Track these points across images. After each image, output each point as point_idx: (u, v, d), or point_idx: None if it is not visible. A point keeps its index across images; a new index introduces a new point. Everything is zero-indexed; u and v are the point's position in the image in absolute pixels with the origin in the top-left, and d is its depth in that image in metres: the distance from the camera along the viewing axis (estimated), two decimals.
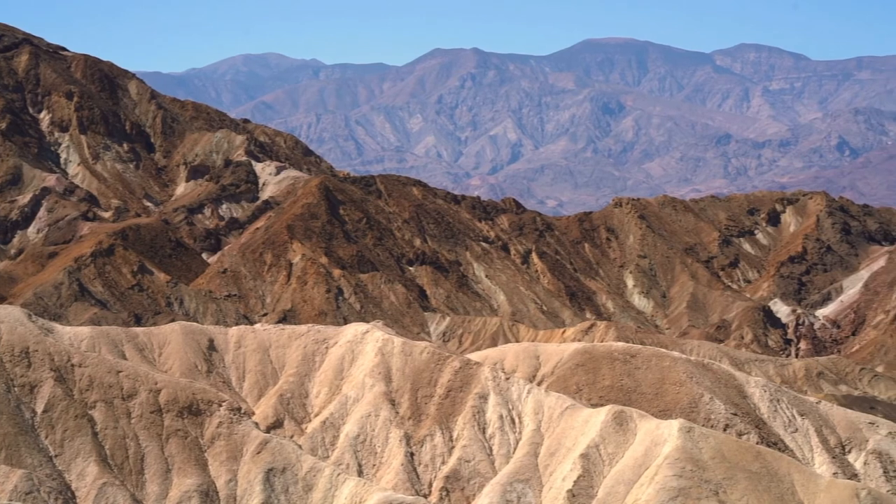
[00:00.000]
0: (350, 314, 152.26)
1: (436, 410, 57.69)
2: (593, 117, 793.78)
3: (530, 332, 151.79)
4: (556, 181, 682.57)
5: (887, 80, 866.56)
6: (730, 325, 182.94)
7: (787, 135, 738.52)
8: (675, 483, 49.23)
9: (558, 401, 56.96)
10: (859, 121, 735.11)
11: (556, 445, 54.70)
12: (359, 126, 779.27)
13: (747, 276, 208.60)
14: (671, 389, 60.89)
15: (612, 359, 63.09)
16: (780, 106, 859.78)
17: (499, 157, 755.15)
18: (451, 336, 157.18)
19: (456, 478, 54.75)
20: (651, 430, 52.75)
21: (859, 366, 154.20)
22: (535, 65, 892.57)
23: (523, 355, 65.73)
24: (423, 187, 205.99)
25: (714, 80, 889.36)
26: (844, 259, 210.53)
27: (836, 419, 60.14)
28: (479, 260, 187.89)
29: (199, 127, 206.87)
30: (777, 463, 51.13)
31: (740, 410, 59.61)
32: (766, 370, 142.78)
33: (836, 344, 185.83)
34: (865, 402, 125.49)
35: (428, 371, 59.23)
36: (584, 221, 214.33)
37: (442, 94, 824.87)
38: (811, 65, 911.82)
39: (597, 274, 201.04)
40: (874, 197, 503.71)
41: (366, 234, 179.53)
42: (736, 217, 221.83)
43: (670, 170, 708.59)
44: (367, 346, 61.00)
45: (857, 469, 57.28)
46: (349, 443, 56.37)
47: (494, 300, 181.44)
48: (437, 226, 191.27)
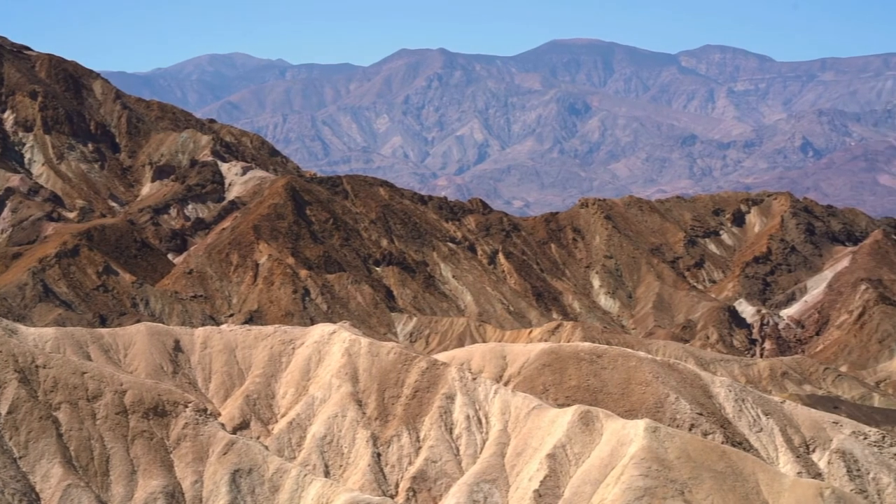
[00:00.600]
0: (317, 315, 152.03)
1: (403, 411, 57.70)
2: (559, 118, 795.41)
3: (497, 333, 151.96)
4: (523, 182, 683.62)
5: (850, 82, 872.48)
6: (695, 325, 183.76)
7: (752, 136, 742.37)
8: (641, 483, 49.42)
9: (525, 401, 57.07)
10: (823, 122, 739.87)
11: (522, 445, 54.80)
12: (325, 126, 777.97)
13: (712, 276, 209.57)
14: (637, 389, 61.11)
15: (579, 359, 63.26)
16: (744, 107, 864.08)
17: (465, 158, 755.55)
18: (418, 336, 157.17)
19: (423, 478, 54.79)
20: (617, 430, 52.92)
21: (823, 366, 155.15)
22: (501, 65, 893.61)
23: (490, 356, 65.81)
24: (389, 188, 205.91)
25: (679, 81, 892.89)
26: (808, 259, 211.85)
27: (800, 419, 60.50)
28: (446, 260, 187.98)
29: (165, 127, 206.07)
30: (742, 462, 51.40)
31: (706, 410, 59.90)
32: (731, 370, 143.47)
33: (801, 344, 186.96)
34: (829, 402, 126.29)
35: (395, 372, 59.24)
36: (551, 222, 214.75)
37: (408, 94, 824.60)
38: (775, 66, 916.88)
39: (563, 274, 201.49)
40: (837, 198, 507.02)
41: (332, 235, 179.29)
42: (701, 217, 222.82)
43: (636, 170, 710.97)
44: (333, 346, 60.94)
45: (821, 468, 57.64)
46: (316, 443, 56.30)
47: (461, 300, 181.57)
48: (403, 226, 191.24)
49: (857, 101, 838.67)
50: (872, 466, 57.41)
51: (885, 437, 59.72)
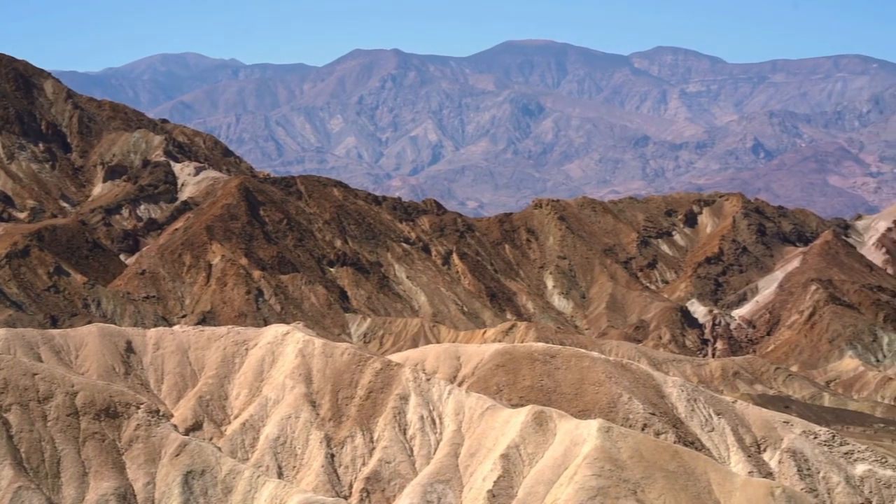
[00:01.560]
0: (270, 315, 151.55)
1: (356, 412, 57.66)
2: (513, 119, 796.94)
3: (451, 333, 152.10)
4: (477, 182, 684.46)
5: (801, 83, 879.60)
6: (648, 325, 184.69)
7: (704, 137, 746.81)
8: (594, 483, 49.63)
9: (479, 401, 57.17)
10: (774, 123, 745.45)
11: (476, 446, 54.90)
12: (279, 126, 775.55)
13: (665, 276, 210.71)
14: (590, 389, 61.36)
15: (532, 359, 63.44)
16: (696, 108, 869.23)
17: (419, 159, 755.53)
18: (372, 337, 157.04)
19: (376, 479, 54.77)
20: (570, 430, 53.12)
21: (774, 365, 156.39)
22: (455, 66, 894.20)
23: (444, 356, 65.88)
24: (343, 188, 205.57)
25: (632, 83, 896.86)
26: (760, 260, 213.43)
27: (751, 418, 60.94)
28: (400, 261, 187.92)
29: (117, 127, 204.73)
30: (694, 462, 51.74)
31: (658, 410, 60.23)
32: (683, 370, 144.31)
33: (752, 344, 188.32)
34: (780, 402, 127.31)
35: (349, 372, 59.19)
36: (505, 222, 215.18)
37: (362, 94, 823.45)
38: (727, 67, 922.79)
39: (517, 275, 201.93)
40: (788, 198, 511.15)
41: (286, 235, 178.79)
42: (654, 218, 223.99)
43: (589, 171, 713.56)
44: (287, 347, 60.80)
45: (771, 467, 58.09)
46: (269, 445, 56.16)
47: (415, 301, 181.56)
48: (357, 227, 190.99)
49: (808, 102, 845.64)
50: (822, 465, 57.93)
51: (834, 436, 60.28)
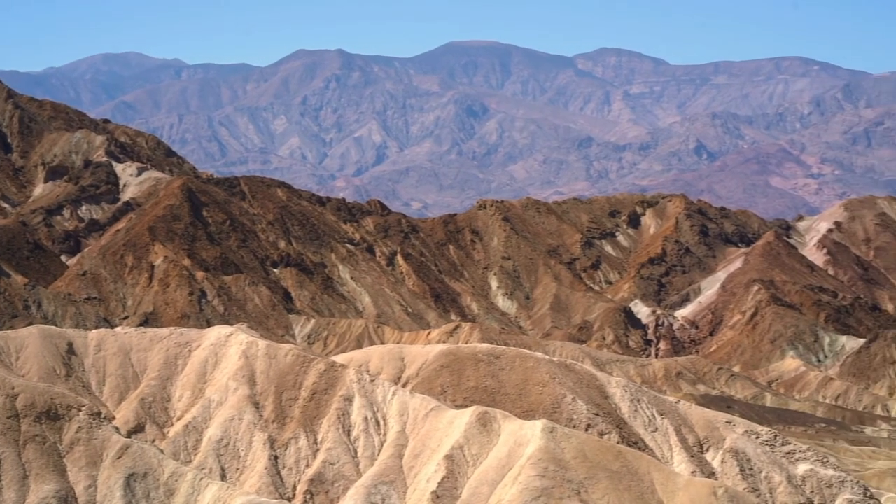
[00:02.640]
0: (213, 317, 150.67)
1: (300, 413, 57.43)
2: (457, 120, 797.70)
3: (395, 334, 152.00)
4: (421, 183, 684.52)
5: (743, 85, 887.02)
6: (592, 325, 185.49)
7: (647, 138, 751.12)
8: (537, 483, 49.71)
9: (423, 402, 57.12)
10: (716, 125, 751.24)
11: (420, 447, 54.84)
12: (222, 127, 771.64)
13: (609, 277, 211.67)
14: (534, 390, 61.46)
15: (477, 360, 63.46)
16: (640, 110, 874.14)
17: (364, 159, 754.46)
18: (316, 338, 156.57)
19: (320, 480, 54.58)
20: (514, 431, 53.18)
21: (717, 366, 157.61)
22: (399, 67, 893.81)
23: (388, 357, 65.75)
24: (287, 189, 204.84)
25: (576, 84, 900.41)
26: (702, 260, 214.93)
27: (694, 418, 61.28)
28: (345, 262, 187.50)
29: (58, 127, 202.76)
30: (637, 462, 51.95)
31: (602, 410, 60.42)
32: (626, 370, 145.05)
33: (695, 344, 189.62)
34: (723, 402, 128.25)
35: (292, 374, 58.93)
36: (449, 223, 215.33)
37: (306, 95, 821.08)
38: (670, 69, 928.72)
39: (461, 276, 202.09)
40: (731, 199, 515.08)
41: (229, 236, 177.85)
42: (597, 219, 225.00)
43: (533, 172, 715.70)
44: (230, 349, 60.46)
45: (714, 467, 58.43)
46: (212, 447, 55.82)
47: (360, 302, 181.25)
48: (301, 227, 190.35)
49: (750, 104, 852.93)
50: (764, 465, 58.35)
51: (776, 436, 60.73)
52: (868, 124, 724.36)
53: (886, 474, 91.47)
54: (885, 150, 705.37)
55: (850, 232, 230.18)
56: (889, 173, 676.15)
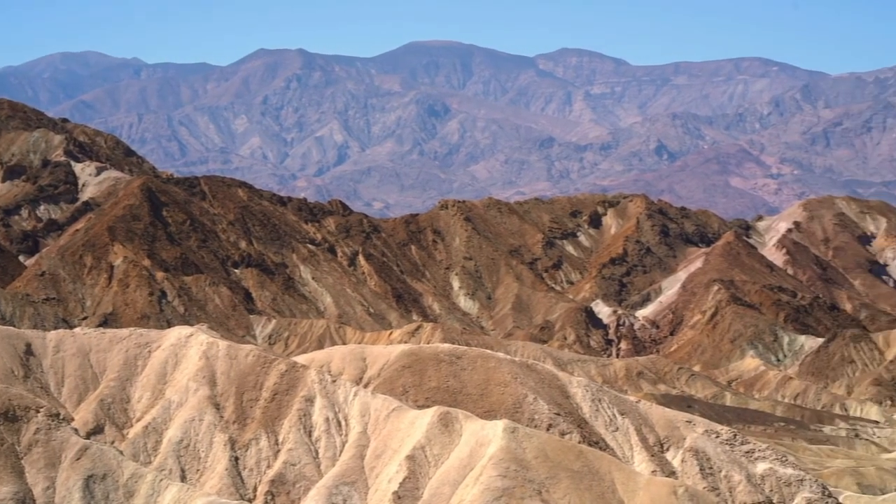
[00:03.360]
0: (174, 317, 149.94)
1: (261, 414, 57.23)
2: (419, 120, 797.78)
3: (357, 335, 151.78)
4: (383, 183, 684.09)
5: (703, 86, 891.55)
6: (553, 325, 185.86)
7: (608, 138, 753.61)
8: (499, 483, 49.75)
9: (385, 403, 57.05)
10: (677, 125, 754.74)
11: (382, 447, 54.78)
12: (182, 126, 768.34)
13: (570, 277, 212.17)
14: (496, 390, 61.50)
15: (438, 360, 63.44)
16: (601, 110, 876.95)
17: (325, 159, 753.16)
18: (277, 339, 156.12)
19: (281, 481, 54.40)
20: (476, 431, 53.21)
21: (677, 365, 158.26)
22: (360, 66, 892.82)
23: (350, 357, 65.63)
24: (248, 189, 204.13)
25: (537, 84, 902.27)
26: (663, 260, 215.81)
27: (654, 418, 61.48)
28: (306, 262, 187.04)
29: (16, 126, 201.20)
30: (598, 462, 52.08)
31: (563, 410, 60.53)
32: (588, 370, 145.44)
33: (655, 344, 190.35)
34: (683, 401, 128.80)
35: (253, 374, 58.72)
36: (411, 223, 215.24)
37: (267, 94, 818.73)
38: (631, 70, 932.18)
39: (423, 276, 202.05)
40: (691, 200, 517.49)
41: (190, 236, 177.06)
42: (559, 219, 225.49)
43: (495, 172, 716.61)
44: (190, 349, 60.17)
45: (674, 467, 58.64)
46: (172, 448, 55.54)
47: (321, 302, 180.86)
48: (262, 228, 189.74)
49: (710, 104, 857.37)
50: (724, 464, 58.62)
51: (736, 435, 61.02)
52: (827, 125, 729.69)
53: (844, 473, 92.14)
54: (844, 151, 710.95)
55: (809, 232, 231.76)
56: (847, 173, 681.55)
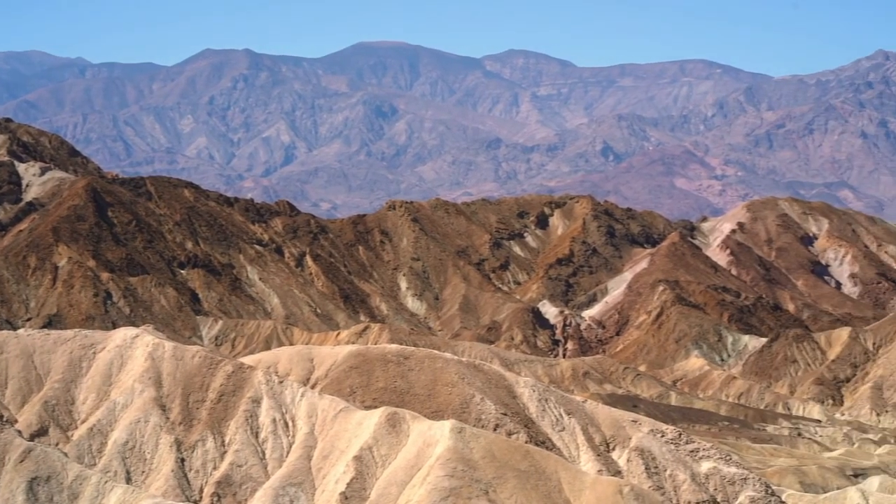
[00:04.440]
0: (119, 318, 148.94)
1: (207, 415, 57.02)
2: (366, 120, 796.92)
3: (304, 335, 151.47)
4: (330, 184, 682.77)
5: (648, 87, 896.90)
6: (500, 326, 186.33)
7: (555, 139, 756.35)
8: (446, 483, 49.88)
9: (332, 403, 57.01)
10: (622, 126, 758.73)
11: (329, 448, 54.75)
12: (128, 126, 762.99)
13: (517, 277, 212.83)
14: (443, 391, 61.65)
15: (386, 361, 63.48)
16: (547, 111, 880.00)
17: (272, 160, 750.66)
18: (223, 340, 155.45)
19: (228, 483, 54.25)
20: (423, 432, 53.31)
21: (623, 365, 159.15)
22: (307, 67, 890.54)
23: (297, 358, 65.50)
24: (194, 189, 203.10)
25: (484, 85, 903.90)
26: (609, 261, 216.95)
27: (601, 418, 61.83)
28: (253, 263, 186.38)
29: None
30: (545, 461, 52.33)
31: (510, 410, 60.77)
32: (534, 370, 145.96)
33: (602, 344, 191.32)
34: (629, 401, 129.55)
35: (200, 375, 58.51)
36: (358, 224, 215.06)
37: (213, 94, 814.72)
38: (577, 71, 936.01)
39: (371, 276, 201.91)
40: (636, 201, 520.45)
41: (135, 237, 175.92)
42: (506, 220, 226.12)
43: (442, 173, 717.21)
44: (136, 350, 59.85)
45: (620, 466, 59.00)
46: (117, 450, 55.23)
47: (268, 303, 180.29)
48: (209, 228, 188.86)
49: (655, 106, 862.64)
50: (669, 463, 59.06)
51: (681, 434, 61.47)
52: (770, 126, 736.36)
53: (787, 471, 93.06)
54: (787, 152, 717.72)
55: (753, 233, 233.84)
56: (790, 175, 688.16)
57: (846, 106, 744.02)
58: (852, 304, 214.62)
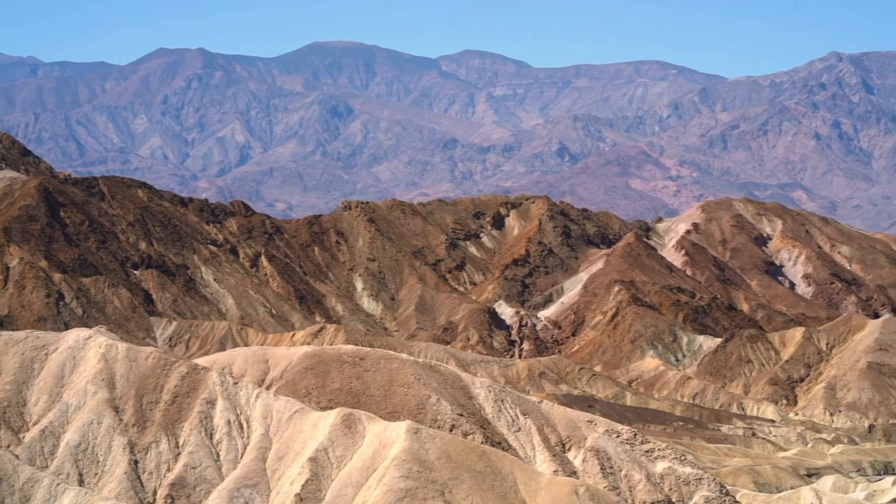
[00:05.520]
0: (72, 319, 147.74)
1: (161, 417, 56.61)
2: (322, 120, 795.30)
3: (259, 336, 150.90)
4: (286, 184, 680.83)
5: (603, 88, 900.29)
6: (456, 326, 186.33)
7: (511, 140, 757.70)
8: (402, 484, 49.74)
9: (287, 405, 56.75)
10: (578, 127, 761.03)
11: (284, 449, 54.49)
12: (80, 126, 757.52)
13: (473, 278, 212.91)
14: (399, 391, 61.51)
15: (342, 362, 63.27)
16: (503, 112, 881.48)
17: (227, 160, 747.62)
18: (178, 341, 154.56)
19: (182, 485, 53.87)
20: (379, 433, 53.16)
21: (579, 366, 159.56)
22: (262, 67, 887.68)
23: (252, 359, 65.18)
24: (148, 189, 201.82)
25: (440, 86, 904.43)
26: (565, 261, 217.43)
27: (556, 418, 61.87)
28: (207, 263, 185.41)
29: None
30: (501, 462, 52.30)
31: (466, 411, 60.71)
32: (490, 371, 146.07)
33: (557, 344, 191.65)
34: (584, 401, 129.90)
35: (154, 377, 58.08)
36: (314, 224, 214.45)
37: (167, 94, 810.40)
38: (532, 72, 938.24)
39: (326, 277, 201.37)
40: (592, 201, 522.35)
41: (88, 237, 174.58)
42: (462, 220, 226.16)
43: (398, 174, 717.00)
44: (89, 352, 59.34)
45: (576, 466, 59.07)
46: (70, 451, 54.74)
47: (223, 304, 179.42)
48: (163, 229, 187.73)
49: (610, 107, 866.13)
50: (624, 464, 59.19)
51: (636, 434, 61.62)
52: (724, 127, 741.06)
53: (741, 471, 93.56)
54: (741, 153, 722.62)
55: (707, 233, 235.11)
56: (744, 175, 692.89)
57: (800, 107, 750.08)
58: (806, 305, 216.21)
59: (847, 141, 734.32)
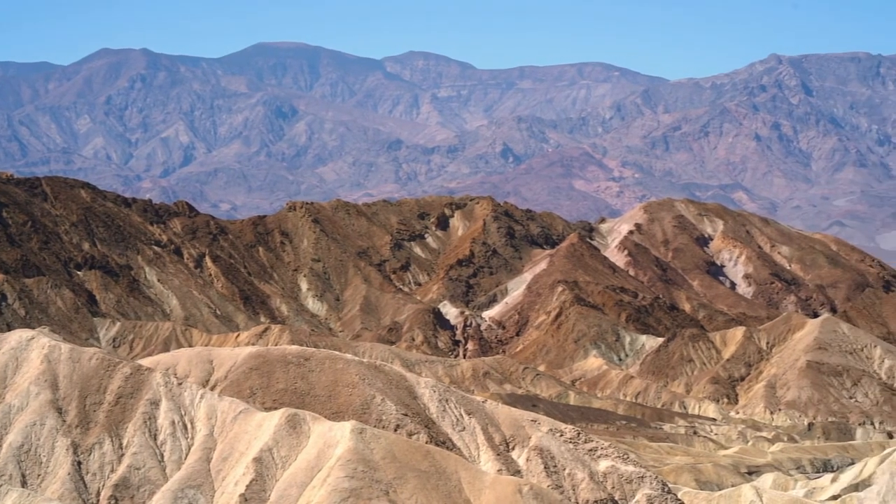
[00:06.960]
0: (14, 320, 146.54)
1: (105, 418, 56.49)
2: (266, 121, 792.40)
3: (204, 337, 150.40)
4: (230, 184, 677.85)
5: (547, 90, 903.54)
6: (401, 327, 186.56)
7: (455, 141, 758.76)
8: (346, 484, 49.98)
9: (231, 405, 56.80)
10: (522, 128, 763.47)
11: (229, 450, 54.54)
12: (22, 126, 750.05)
13: (418, 278, 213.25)
14: (344, 391, 61.70)
15: (286, 362, 63.37)
16: (447, 113, 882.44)
17: (171, 160, 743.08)
18: (121, 342, 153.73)
19: (125, 486, 53.80)
20: (324, 433, 53.34)
21: (523, 365, 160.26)
22: (206, 67, 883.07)
23: (196, 360, 65.11)
24: (91, 190, 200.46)
25: (385, 87, 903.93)
26: (509, 262, 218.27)
27: (500, 417, 62.29)
28: (151, 264, 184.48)
29: None
30: (445, 461, 52.66)
31: (411, 411, 61.02)
32: (435, 371, 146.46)
33: (502, 344, 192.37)
34: (528, 401, 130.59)
35: (97, 378, 57.93)
36: (259, 225, 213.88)
37: (111, 94, 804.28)
38: (476, 73, 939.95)
39: (271, 278, 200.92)
40: (536, 202, 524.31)
41: (31, 238, 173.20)
42: (407, 221, 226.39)
43: (343, 174, 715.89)
44: (32, 353, 59.09)
45: (520, 465, 59.50)
46: (12, 453, 54.52)
47: (167, 305, 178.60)
48: (106, 229, 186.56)
49: (554, 108, 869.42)
50: (568, 462, 59.70)
51: (580, 433, 62.14)
52: (666, 129, 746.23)
53: (683, 469, 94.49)
54: (682, 154, 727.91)
55: (650, 234, 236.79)
56: (686, 176, 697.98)
57: (740, 109, 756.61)
58: (746, 304, 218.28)
59: (787, 142, 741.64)
